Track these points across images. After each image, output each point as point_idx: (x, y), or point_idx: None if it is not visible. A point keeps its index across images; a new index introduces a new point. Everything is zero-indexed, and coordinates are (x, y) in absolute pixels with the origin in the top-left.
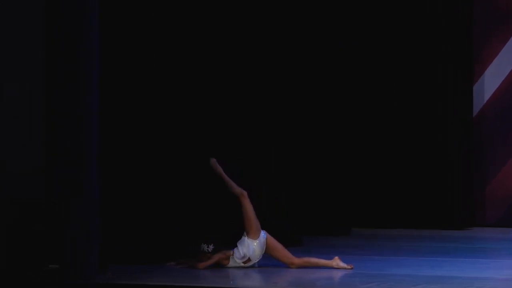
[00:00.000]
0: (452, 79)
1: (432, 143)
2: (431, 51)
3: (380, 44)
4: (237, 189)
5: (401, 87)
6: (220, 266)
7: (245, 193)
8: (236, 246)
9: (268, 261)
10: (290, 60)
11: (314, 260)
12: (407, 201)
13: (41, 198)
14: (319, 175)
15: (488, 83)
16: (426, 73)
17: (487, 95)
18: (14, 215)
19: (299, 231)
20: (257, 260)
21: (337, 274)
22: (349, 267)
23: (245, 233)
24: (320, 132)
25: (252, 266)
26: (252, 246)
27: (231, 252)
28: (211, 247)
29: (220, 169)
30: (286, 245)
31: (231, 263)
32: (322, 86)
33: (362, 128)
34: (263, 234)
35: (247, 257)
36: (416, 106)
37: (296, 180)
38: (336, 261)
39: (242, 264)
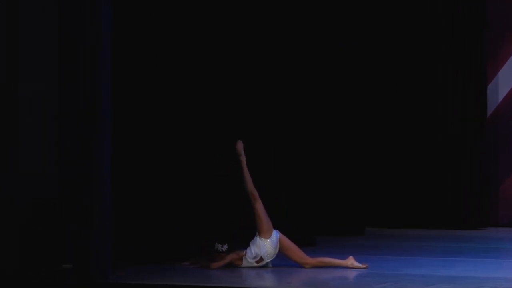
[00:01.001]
0: (466, 79)
1: (445, 143)
2: (441, 51)
3: (380, 44)
4: (251, 186)
5: (415, 85)
6: (233, 266)
7: (256, 193)
8: (249, 246)
9: (282, 261)
10: (291, 60)
11: (329, 259)
12: (421, 201)
13: (54, 198)
14: (333, 175)
15: (503, 83)
16: (439, 71)
17: (501, 95)
18: (26, 215)
19: (313, 231)
20: (270, 259)
21: (351, 274)
22: (363, 266)
23: (257, 233)
24: (331, 132)
25: (266, 266)
26: (264, 245)
27: (244, 252)
28: (225, 246)
29: (244, 157)
30: (300, 245)
31: (244, 263)
32: (323, 86)
33: (376, 128)
34: (275, 233)
35: (259, 257)
36: (430, 105)
37: (310, 180)
38: (351, 261)
39: (255, 264)
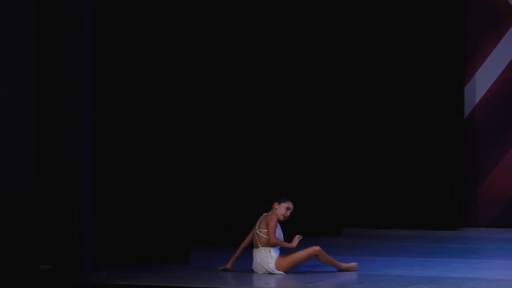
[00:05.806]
0: (444, 79)
1: (425, 144)
2: (424, 51)
3: (379, 44)
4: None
5: (391, 88)
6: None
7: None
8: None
9: None
10: (289, 60)
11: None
12: (400, 201)
13: (35, 198)
14: (311, 175)
15: (480, 84)
16: (416, 73)
17: (479, 96)
18: (7, 215)
19: (291, 231)
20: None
21: (329, 274)
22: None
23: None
24: (308, 131)
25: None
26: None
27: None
28: None
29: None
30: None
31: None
32: (318, 87)
33: (354, 128)
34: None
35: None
36: (407, 107)
37: (289, 180)
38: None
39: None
